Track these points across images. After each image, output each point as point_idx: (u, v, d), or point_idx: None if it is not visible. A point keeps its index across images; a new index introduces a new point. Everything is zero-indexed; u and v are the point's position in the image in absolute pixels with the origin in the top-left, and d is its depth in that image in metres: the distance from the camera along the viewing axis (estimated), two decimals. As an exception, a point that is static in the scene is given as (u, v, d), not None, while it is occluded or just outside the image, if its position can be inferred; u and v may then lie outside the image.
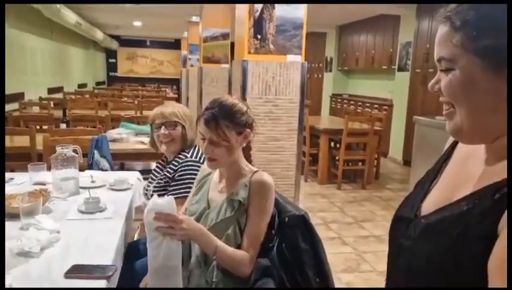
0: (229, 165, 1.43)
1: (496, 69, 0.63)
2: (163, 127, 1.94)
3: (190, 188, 1.70)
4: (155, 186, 1.94)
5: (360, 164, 5.39)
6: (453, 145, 0.84)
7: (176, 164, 1.92)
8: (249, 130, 1.44)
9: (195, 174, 1.66)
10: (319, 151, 5.20)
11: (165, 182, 1.91)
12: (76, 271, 1.24)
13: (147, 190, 2.03)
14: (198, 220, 1.43)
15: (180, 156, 1.95)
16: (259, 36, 2.88)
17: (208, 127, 1.37)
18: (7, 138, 3.41)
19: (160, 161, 2.14)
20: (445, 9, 0.69)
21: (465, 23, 0.65)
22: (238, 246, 1.36)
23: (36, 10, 6.80)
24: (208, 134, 1.37)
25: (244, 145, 1.46)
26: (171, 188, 1.87)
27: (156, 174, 2.06)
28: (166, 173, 1.93)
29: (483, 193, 0.65)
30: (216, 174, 1.53)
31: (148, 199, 1.92)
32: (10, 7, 6.25)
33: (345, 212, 4.26)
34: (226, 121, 1.37)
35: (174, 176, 1.89)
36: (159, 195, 1.83)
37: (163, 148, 1.98)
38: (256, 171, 1.43)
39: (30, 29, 7.47)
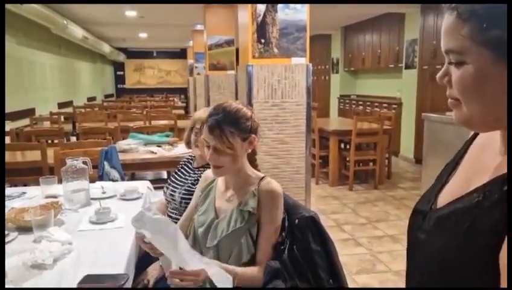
0: (235, 173, 1.41)
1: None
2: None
3: None
4: (184, 194, 1.85)
5: (371, 164, 5.35)
6: (473, 137, 0.82)
7: None
8: (254, 135, 1.40)
9: None
10: (329, 153, 5.18)
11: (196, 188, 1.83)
12: (88, 281, 1.24)
13: (172, 195, 1.93)
14: (207, 231, 1.41)
15: None
16: (263, 40, 2.89)
17: (212, 134, 1.34)
18: (19, 153, 3.46)
19: (184, 166, 2.03)
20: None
21: (474, 13, 0.62)
22: (252, 256, 1.36)
23: (44, 27, 6.92)
24: (212, 142, 1.34)
25: (250, 151, 1.43)
26: None
27: (180, 179, 1.97)
28: (199, 178, 1.81)
29: (493, 184, 0.64)
30: (221, 182, 1.50)
31: (174, 200, 1.87)
32: (19, 25, 6.37)
33: (357, 213, 4.23)
34: (231, 127, 1.34)
35: None
36: (189, 201, 1.81)
37: (198, 153, 1.91)
38: (263, 178, 1.42)
39: (39, 46, 7.60)
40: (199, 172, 1.89)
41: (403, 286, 0.85)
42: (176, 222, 1.74)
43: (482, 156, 0.74)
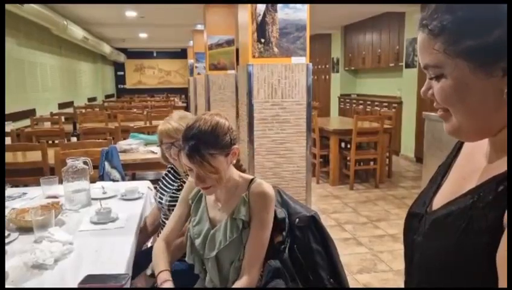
0: (224, 185, 1.36)
1: (486, 68, 0.62)
2: (173, 146, 1.82)
3: None
4: (170, 200, 1.84)
5: (371, 163, 5.34)
6: None
7: None
8: (236, 146, 1.34)
9: None
10: (330, 152, 5.18)
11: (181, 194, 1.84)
12: (89, 281, 1.24)
13: (160, 202, 1.93)
14: (204, 241, 1.39)
15: None
16: (262, 40, 2.89)
17: (192, 162, 1.26)
18: (20, 154, 3.46)
19: (171, 170, 2.03)
20: (421, 15, 0.68)
21: (443, 28, 0.64)
22: None
23: (45, 28, 6.93)
24: (194, 168, 1.27)
25: (234, 162, 1.38)
26: None
27: (167, 185, 1.96)
28: (183, 184, 1.85)
29: (487, 185, 0.65)
30: None
31: (163, 207, 1.88)
32: (19, 26, 6.37)
33: (358, 212, 4.23)
34: (210, 149, 1.26)
35: None
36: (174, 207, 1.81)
37: (177, 165, 1.89)
38: (252, 180, 1.38)
39: (39, 47, 7.60)
40: (182, 179, 1.88)
41: (403, 285, 0.85)
42: None
43: (473, 159, 0.75)
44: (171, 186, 1.92)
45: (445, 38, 0.64)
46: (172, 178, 1.97)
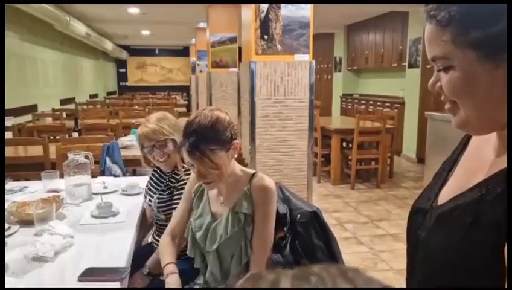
0: (225, 180, 1.36)
1: (493, 59, 0.62)
2: (154, 149, 1.80)
3: None
4: (159, 202, 1.83)
5: (373, 163, 5.33)
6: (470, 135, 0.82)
7: (178, 173, 1.83)
8: (237, 141, 1.33)
9: None
10: (331, 151, 5.16)
11: (168, 194, 1.82)
12: (89, 274, 1.24)
13: (149, 205, 1.91)
14: (206, 234, 1.39)
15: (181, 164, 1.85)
16: (266, 37, 2.88)
17: (192, 158, 1.26)
18: (21, 149, 3.46)
19: (158, 170, 1.98)
20: (428, 7, 0.68)
21: (451, 19, 0.63)
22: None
23: (47, 24, 6.93)
24: (195, 164, 1.28)
25: (236, 156, 1.36)
26: (176, 198, 1.77)
27: (155, 186, 1.94)
28: (169, 183, 1.85)
29: (495, 178, 0.64)
30: None
31: (153, 209, 1.88)
32: (22, 21, 6.37)
33: (359, 212, 4.22)
34: (211, 144, 1.25)
35: (177, 186, 1.80)
36: (164, 208, 1.80)
37: (162, 166, 1.87)
38: (254, 174, 1.37)
39: (41, 42, 7.59)
40: (169, 177, 1.88)
41: (404, 284, 0.84)
42: (162, 230, 1.70)
43: (481, 153, 0.74)
44: (158, 188, 1.91)
45: (453, 28, 0.63)
46: (160, 179, 1.95)
